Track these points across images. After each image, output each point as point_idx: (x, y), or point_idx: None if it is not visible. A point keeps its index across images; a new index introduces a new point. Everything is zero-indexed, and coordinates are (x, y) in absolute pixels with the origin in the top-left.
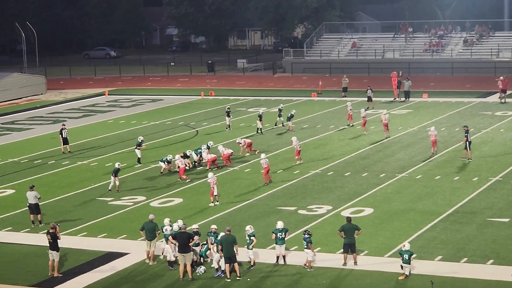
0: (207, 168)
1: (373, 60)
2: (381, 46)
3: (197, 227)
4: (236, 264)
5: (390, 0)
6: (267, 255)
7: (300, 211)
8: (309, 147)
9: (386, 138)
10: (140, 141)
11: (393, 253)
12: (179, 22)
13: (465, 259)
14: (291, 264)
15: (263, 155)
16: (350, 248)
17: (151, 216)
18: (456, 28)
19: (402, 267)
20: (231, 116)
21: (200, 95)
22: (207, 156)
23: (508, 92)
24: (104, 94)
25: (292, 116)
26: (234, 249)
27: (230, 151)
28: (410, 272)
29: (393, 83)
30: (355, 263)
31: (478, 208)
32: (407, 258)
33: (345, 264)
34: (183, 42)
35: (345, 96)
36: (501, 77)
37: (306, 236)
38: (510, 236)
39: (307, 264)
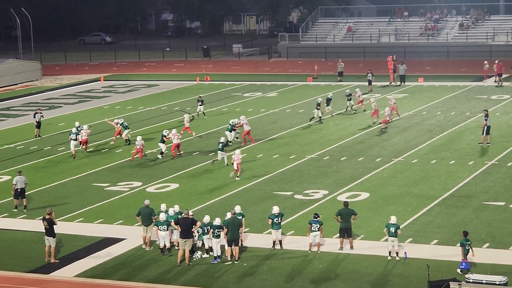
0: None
1: (369, 45)
2: (377, 30)
3: (192, 213)
4: (237, 248)
5: None
6: (263, 240)
7: (296, 196)
8: (305, 132)
9: (374, 123)
10: (166, 134)
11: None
12: (174, 7)
13: None
14: (287, 249)
15: (237, 151)
16: (346, 232)
17: (147, 202)
18: (451, 11)
19: (390, 252)
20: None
21: (196, 80)
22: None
23: (504, 75)
24: (100, 80)
25: (329, 99)
26: (240, 232)
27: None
28: (406, 255)
29: (389, 67)
30: (351, 247)
31: (474, 192)
32: (393, 232)
33: (341, 248)
34: (178, 27)
35: (340, 81)
36: (496, 61)
37: (316, 219)
38: (505, 219)
39: (317, 248)
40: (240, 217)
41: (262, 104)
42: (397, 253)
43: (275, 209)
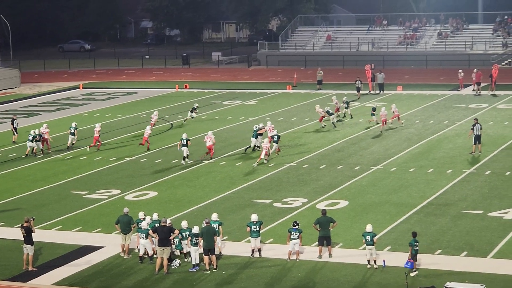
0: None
1: (348, 53)
2: (356, 39)
3: (170, 221)
4: (213, 256)
5: None
6: (242, 248)
7: (275, 204)
8: (284, 139)
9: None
10: (185, 138)
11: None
12: (154, 15)
13: (439, 250)
14: (266, 257)
15: (266, 140)
16: (325, 240)
17: (125, 210)
18: (430, 20)
19: (368, 261)
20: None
21: (175, 88)
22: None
23: (483, 84)
24: (79, 88)
25: (347, 102)
26: (214, 241)
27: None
28: (384, 263)
29: (367, 75)
30: (330, 255)
31: (452, 200)
32: (369, 240)
33: (320, 256)
34: (157, 35)
35: (320, 89)
36: (475, 70)
37: (296, 227)
38: (483, 228)
39: (296, 256)
40: (217, 225)
41: (241, 112)
42: (375, 261)
43: (254, 217)
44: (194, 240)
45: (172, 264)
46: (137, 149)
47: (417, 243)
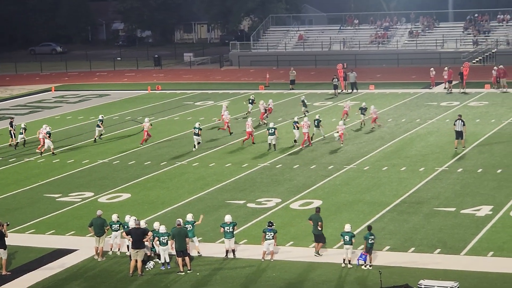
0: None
1: (320, 52)
2: (328, 38)
3: (145, 223)
4: (187, 258)
5: None
6: (216, 249)
7: (249, 205)
8: (257, 140)
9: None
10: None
11: (341, 244)
12: (125, 17)
13: (413, 248)
14: (240, 258)
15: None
16: (316, 237)
17: (99, 212)
18: (401, 19)
19: (343, 260)
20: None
21: (147, 90)
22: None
23: (454, 82)
24: (51, 90)
25: (364, 109)
26: (186, 243)
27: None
28: (358, 262)
29: (339, 75)
30: (317, 253)
31: (425, 198)
32: (348, 240)
33: (317, 252)
34: (129, 36)
35: (292, 89)
36: (446, 68)
37: (271, 227)
38: (456, 225)
39: (270, 256)
40: (190, 225)
41: (214, 112)
42: (349, 261)
43: (227, 218)
44: (161, 239)
45: (146, 266)
46: (110, 151)
47: (373, 237)
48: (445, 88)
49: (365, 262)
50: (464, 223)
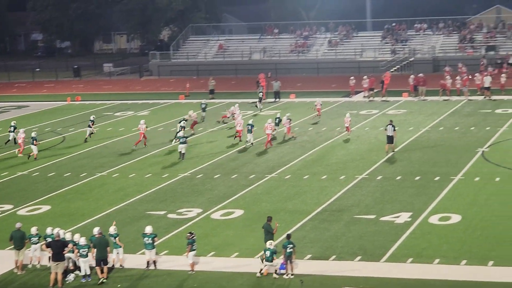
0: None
1: (240, 62)
2: (248, 48)
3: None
4: (105, 267)
5: (256, 2)
6: (137, 260)
7: (170, 215)
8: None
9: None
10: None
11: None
12: (44, 27)
13: (334, 256)
14: (161, 269)
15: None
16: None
17: (18, 225)
18: (320, 29)
19: (260, 270)
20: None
21: (67, 101)
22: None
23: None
24: None
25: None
26: (107, 252)
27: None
28: (280, 272)
29: (262, 84)
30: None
31: (346, 206)
32: (268, 255)
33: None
34: (48, 47)
35: (212, 98)
36: (365, 77)
37: (192, 238)
38: (376, 232)
39: (191, 267)
40: (113, 238)
41: (134, 123)
42: (276, 271)
43: (148, 229)
44: (81, 252)
45: (66, 279)
46: (29, 162)
47: (291, 245)
48: (364, 96)
49: (286, 271)
50: (384, 230)
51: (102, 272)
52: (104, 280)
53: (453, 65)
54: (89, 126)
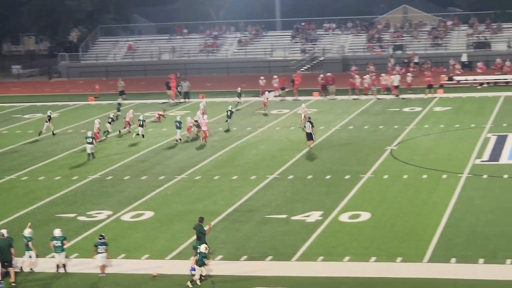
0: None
1: (150, 62)
2: (157, 48)
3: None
4: (11, 269)
5: (165, 2)
6: (47, 264)
7: (80, 218)
8: (86, 152)
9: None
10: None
11: (175, 255)
12: None
13: (245, 257)
14: (72, 272)
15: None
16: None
17: None
18: (230, 28)
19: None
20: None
21: None
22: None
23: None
24: None
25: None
26: (12, 253)
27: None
28: (191, 273)
29: (172, 84)
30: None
31: (257, 206)
32: (198, 259)
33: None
34: None
35: (125, 99)
36: (275, 76)
37: (102, 240)
38: (287, 232)
39: (101, 270)
40: (26, 241)
41: (43, 125)
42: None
43: (57, 232)
44: None
45: None
46: None
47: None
48: (275, 96)
49: (193, 273)
50: (295, 229)
51: (4, 275)
52: (13, 284)
53: (362, 64)
54: (46, 122)
